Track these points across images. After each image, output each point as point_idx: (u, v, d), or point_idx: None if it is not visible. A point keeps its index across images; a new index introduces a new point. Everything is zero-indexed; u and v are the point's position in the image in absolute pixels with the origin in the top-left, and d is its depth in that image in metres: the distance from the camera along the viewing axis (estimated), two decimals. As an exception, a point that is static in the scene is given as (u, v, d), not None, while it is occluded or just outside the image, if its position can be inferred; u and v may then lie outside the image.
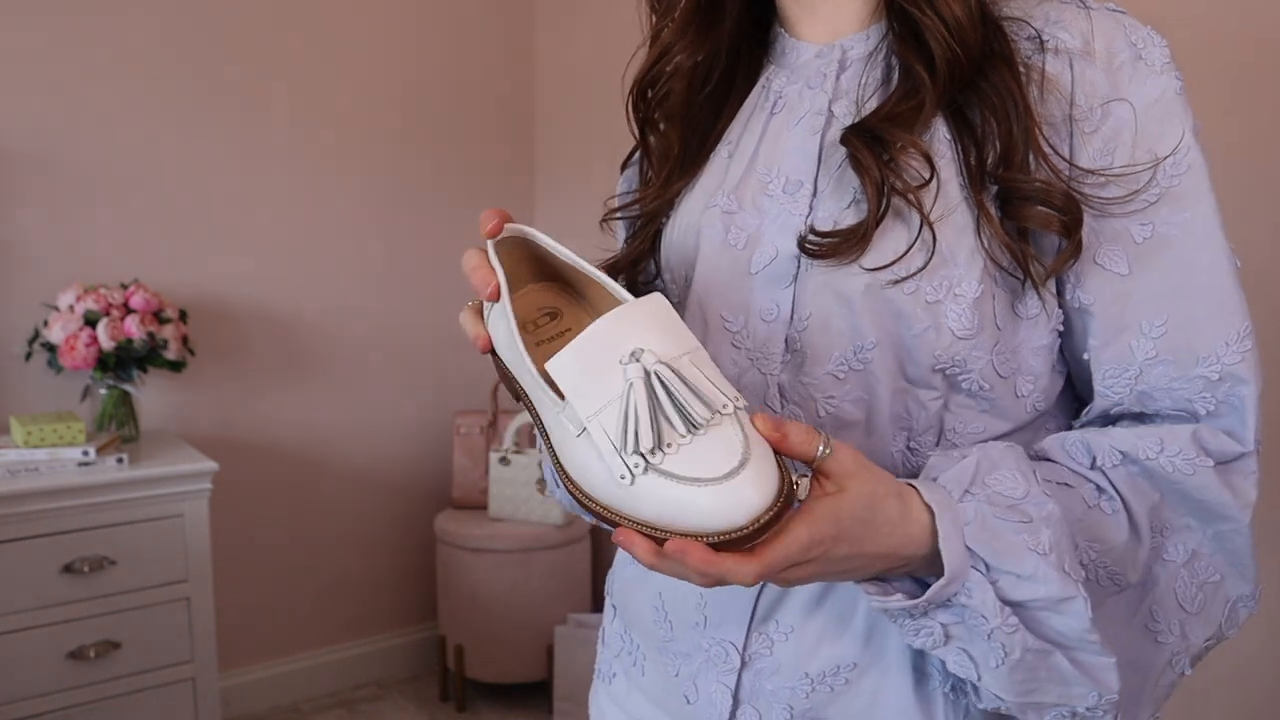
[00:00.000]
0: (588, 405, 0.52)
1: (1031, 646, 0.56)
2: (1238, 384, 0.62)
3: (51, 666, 1.88)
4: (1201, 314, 0.62)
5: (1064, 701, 0.58)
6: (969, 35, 0.63)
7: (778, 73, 0.73)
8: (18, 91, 2.18)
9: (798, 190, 0.67)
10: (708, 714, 0.69)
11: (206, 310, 2.43)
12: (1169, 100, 0.64)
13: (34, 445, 1.95)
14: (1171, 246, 0.62)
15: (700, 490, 0.49)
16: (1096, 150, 0.62)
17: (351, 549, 2.74)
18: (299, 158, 2.55)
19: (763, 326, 0.66)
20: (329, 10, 2.56)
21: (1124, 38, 0.64)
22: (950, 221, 0.62)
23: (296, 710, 2.63)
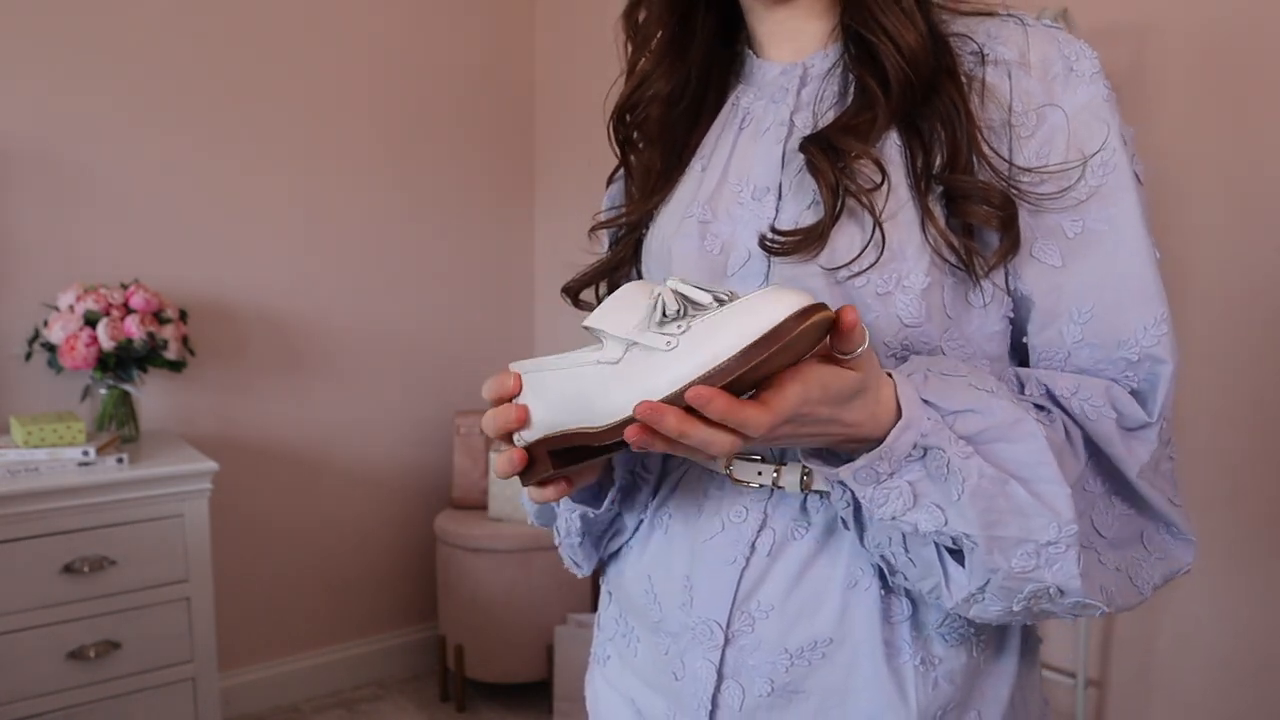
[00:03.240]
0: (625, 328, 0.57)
1: (987, 474, 0.60)
2: (1156, 364, 0.67)
3: (52, 666, 1.88)
4: (1124, 301, 0.67)
5: (1026, 535, 0.60)
6: (920, 58, 0.69)
7: (746, 90, 0.80)
8: (18, 92, 2.18)
9: (764, 195, 0.73)
10: (694, 689, 0.73)
11: (206, 310, 2.43)
12: (1097, 106, 0.69)
13: (34, 445, 1.95)
14: (1099, 240, 0.68)
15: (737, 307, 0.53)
16: (1032, 151, 0.68)
17: (351, 549, 2.75)
18: (299, 158, 2.55)
19: None
20: (330, 11, 2.56)
21: (1057, 50, 0.70)
22: (899, 220, 0.68)
23: (296, 710, 2.63)
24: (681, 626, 0.75)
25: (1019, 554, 0.61)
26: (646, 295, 0.57)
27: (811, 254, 0.68)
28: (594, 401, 0.58)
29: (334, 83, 2.58)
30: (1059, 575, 0.61)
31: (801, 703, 0.70)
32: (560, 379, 0.60)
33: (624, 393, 0.56)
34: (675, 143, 0.80)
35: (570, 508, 0.80)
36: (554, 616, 2.52)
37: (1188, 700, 1.71)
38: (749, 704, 0.71)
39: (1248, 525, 1.62)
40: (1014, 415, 0.61)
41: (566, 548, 0.84)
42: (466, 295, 2.86)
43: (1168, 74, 1.65)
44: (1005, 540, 0.60)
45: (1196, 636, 1.70)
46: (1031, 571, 0.61)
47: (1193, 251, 1.65)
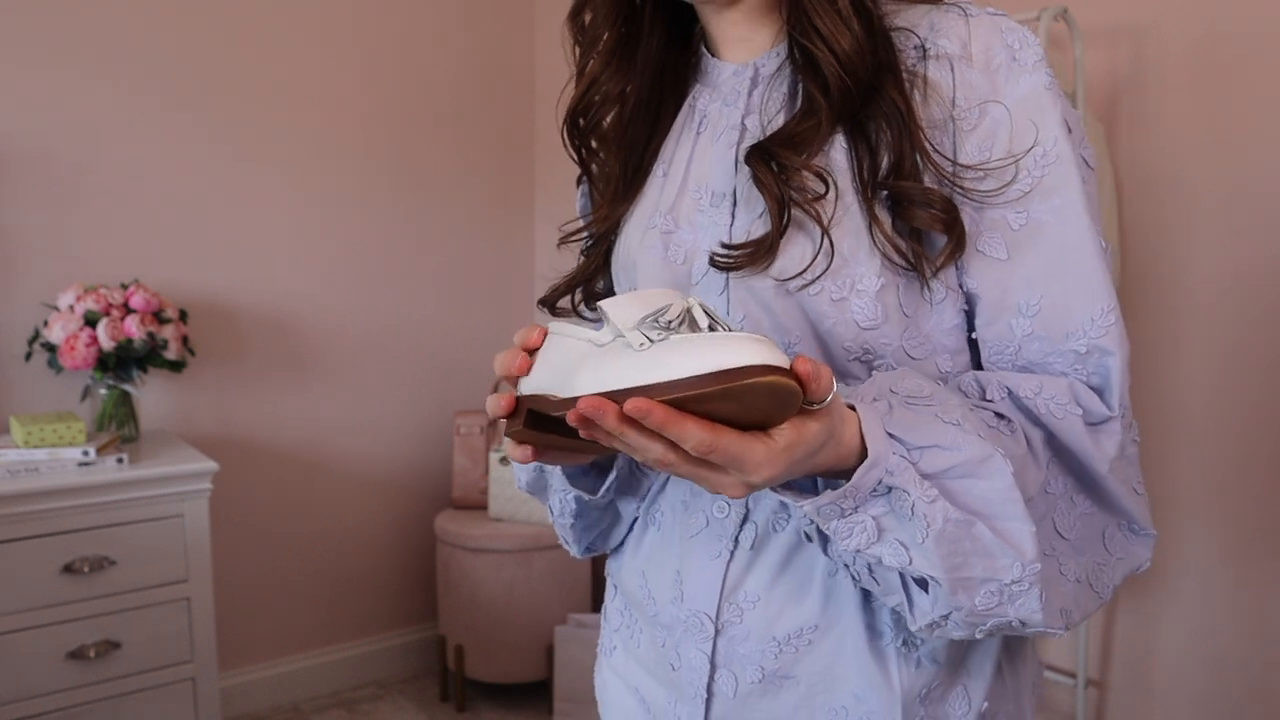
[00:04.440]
0: (625, 316, 0.57)
1: (952, 516, 0.59)
2: (1104, 355, 0.67)
3: (52, 666, 1.88)
4: (1070, 293, 0.67)
5: (990, 575, 0.60)
6: (858, 64, 0.68)
7: (702, 91, 0.79)
8: (18, 92, 2.18)
9: (721, 202, 0.74)
10: (690, 679, 0.76)
11: (206, 310, 2.43)
12: (1039, 95, 0.68)
13: (34, 445, 1.95)
14: (1044, 232, 0.67)
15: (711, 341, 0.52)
16: (975, 146, 0.68)
17: (351, 549, 2.75)
18: (299, 158, 2.55)
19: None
20: (331, 12, 2.56)
21: (1000, 40, 0.69)
22: (846, 227, 0.68)
23: (296, 710, 2.63)
24: (674, 619, 0.77)
25: (983, 593, 0.61)
26: (663, 300, 0.58)
27: (762, 266, 0.69)
28: (570, 376, 0.59)
29: (334, 83, 2.58)
30: (1021, 611, 0.61)
31: (791, 688, 0.73)
32: (562, 346, 0.62)
33: (589, 375, 0.57)
34: (636, 147, 0.80)
35: (566, 489, 0.79)
36: (554, 616, 2.52)
37: (1188, 700, 1.71)
38: (742, 691, 0.74)
39: (1247, 526, 1.62)
40: (982, 452, 0.60)
41: (559, 526, 0.85)
42: (467, 295, 2.86)
43: (1168, 74, 1.65)
44: (970, 581, 0.60)
45: (1196, 637, 1.70)
46: (995, 608, 0.61)
47: (1193, 251, 1.65)
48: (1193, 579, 1.69)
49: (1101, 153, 1.71)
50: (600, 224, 0.81)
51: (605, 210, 0.81)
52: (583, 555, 0.87)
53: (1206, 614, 1.68)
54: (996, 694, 0.74)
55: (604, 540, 0.87)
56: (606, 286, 0.84)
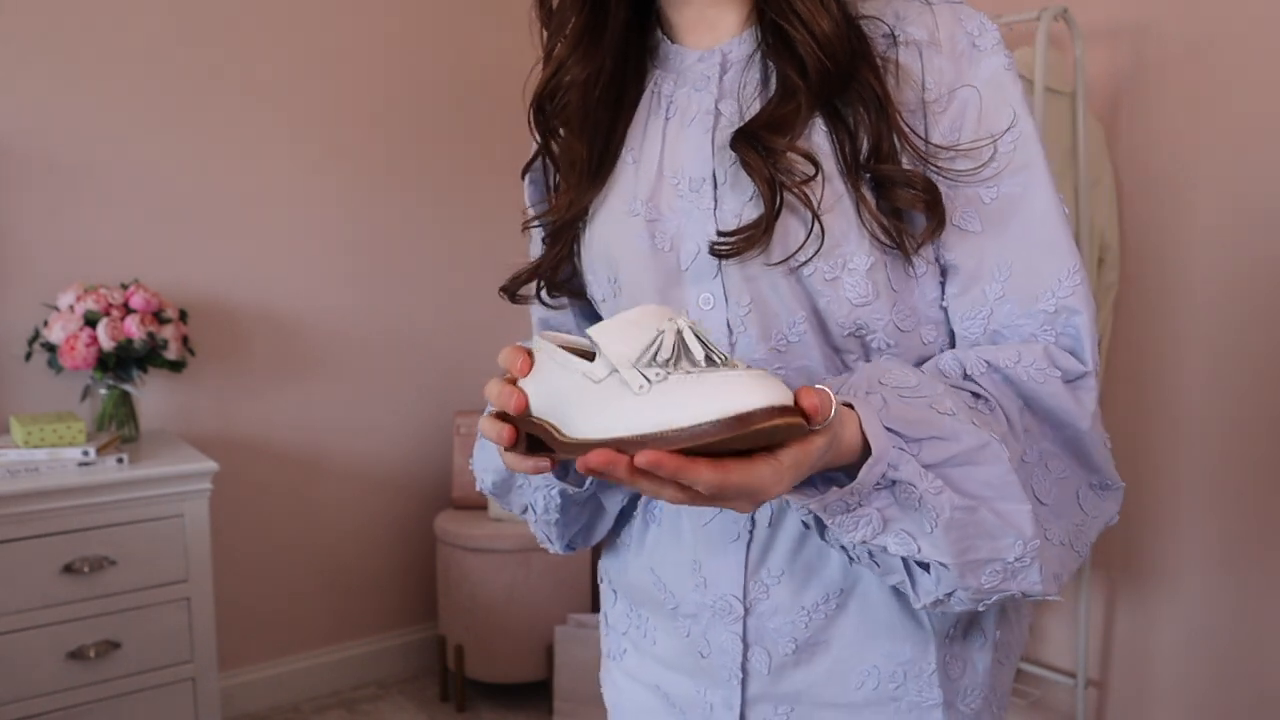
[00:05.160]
0: (617, 352, 0.56)
1: (958, 504, 0.61)
2: (1072, 314, 0.70)
3: (52, 666, 1.88)
4: (1039, 257, 0.70)
5: (994, 555, 0.63)
6: (837, 46, 0.70)
7: (664, 77, 0.79)
8: (18, 92, 2.18)
9: (701, 186, 0.74)
10: (722, 663, 0.77)
11: (206, 310, 2.43)
12: (1000, 76, 0.72)
13: (34, 445, 1.95)
14: (1014, 204, 0.71)
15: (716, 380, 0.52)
16: (946, 128, 0.71)
17: (351, 549, 2.75)
18: (299, 157, 2.55)
19: (707, 315, 0.74)
20: (331, 12, 2.56)
21: (961, 27, 0.72)
22: (835, 208, 0.70)
23: (296, 710, 2.63)
24: (699, 607, 0.78)
25: (988, 572, 0.63)
26: (654, 328, 0.57)
27: (759, 250, 0.71)
28: (567, 409, 0.59)
29: (334, 83, 2.58)
30: (1024, 584, 0.64)
31: (824, 653, 0.75)
32: (556, 371, 0.61)
33: (591, 415, 0.57)
34: (600, 131, 0.79)
35: (550, 484, 0.78)
36: (554, 616, 2.52)
37: (1188, 700, 1.71)
38: (776, 664, 0.76)
39: (1247, 526, 1.62)
40: (979, 439, 0.62)
41: (541, 524, 0.84)
42: (466, 296, 2.86)
43: (1168, 74, 1.65)
44: (976, 563, 0.63)
45: (1196, 637, 1.69)
46: (999, 584, 0.64)
47: (1192, 251, 1.65)
48: (1193, 579, 1.69)
49: (1101, 152, 1.71)
50: (566, 210, 0.80)
51: (571, 196, 0.80)
52: (564, 551, 0.87)
53: (1206, 614, 1.68)
54: (1003, 623, 0.79)
55: (586, 535, 0.86)
56: (570, 274, 0.84)
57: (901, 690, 0.74)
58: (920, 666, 0.74)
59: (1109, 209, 1.71)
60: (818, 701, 0.76)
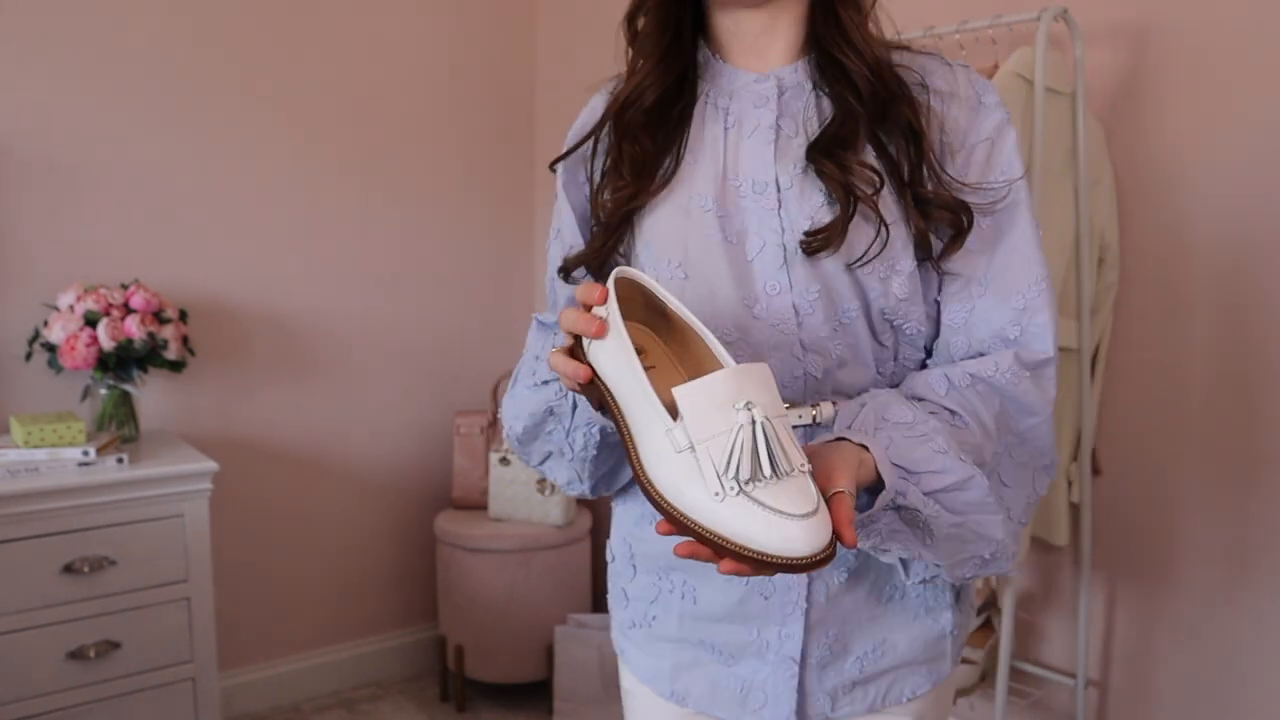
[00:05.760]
0: (701, 431, 0.67)
1: (951, 521, 0.79)
2: (1037, 312, 0.87)
3: (52, 666, 1.88)
4: (1016, 267, 0.88)
5: (974, 554, 0.83)
6: (885, 72, 0.87)
7: (718, 92, 0.92)
8: (18, 92, 2.18)
9: (765, 190, 0.88)
10: (787, 599, 0.91)
11: (206, 310, 2.43)
12: (1002, 128, 0.90)
13: (34, 445, 1.95)
14: (1003, 230, 0.89)
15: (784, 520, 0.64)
16: (959, 167, 0.88)
17: (351, 549, 2.75)
18: (300, 157, 2.55)
19: (774, 299, 0.87)
20: (331, 12, 2.56)
21: (972, 87, 0.90)
22: (892, 218, 0.85)
23: (296, 710, 2.63)
24: None
25: (969, 566, 0.84)
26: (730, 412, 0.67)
27: (835, 248, 0.84)
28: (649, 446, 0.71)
29: (334, 83, 2.58)
30: (994, 570, 0.85)
31: (863, 581, 0.92)
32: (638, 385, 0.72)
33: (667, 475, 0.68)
34: (665, 135, 0.91)
35: (591, 423, 0.89)
36: (554, 616, 2.52)
37: (1188, 700, 1.71)
38: (832, 592, 0.91)
39: (1247, 526, 1.62)
40: (965, 472, 0.79)
41: (575, 462, 0.94)
42: (466, 296, 2.86)
43: (1168, 74, 1.65)
44: (962, 561, 0.83)
45: (1196, 637, 1.70)
46: (978, 571, 0.85)
47: (1192, 251, 1.65)
48: (1193, 579, 1.69)
49: (1101, 153, 1.71)
50: (630, 201, 0.90)
51: (634, 189, 0.90)
52: (590, 493, 0.97)
53: (1206, 614, 1.68)
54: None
55: (611, 479, 0.98)
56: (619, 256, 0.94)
57: (920, 599, 0.93)
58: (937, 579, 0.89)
59: (1109, 209, 1.71)
60: (860, 619, 0.92)
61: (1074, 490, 1.76)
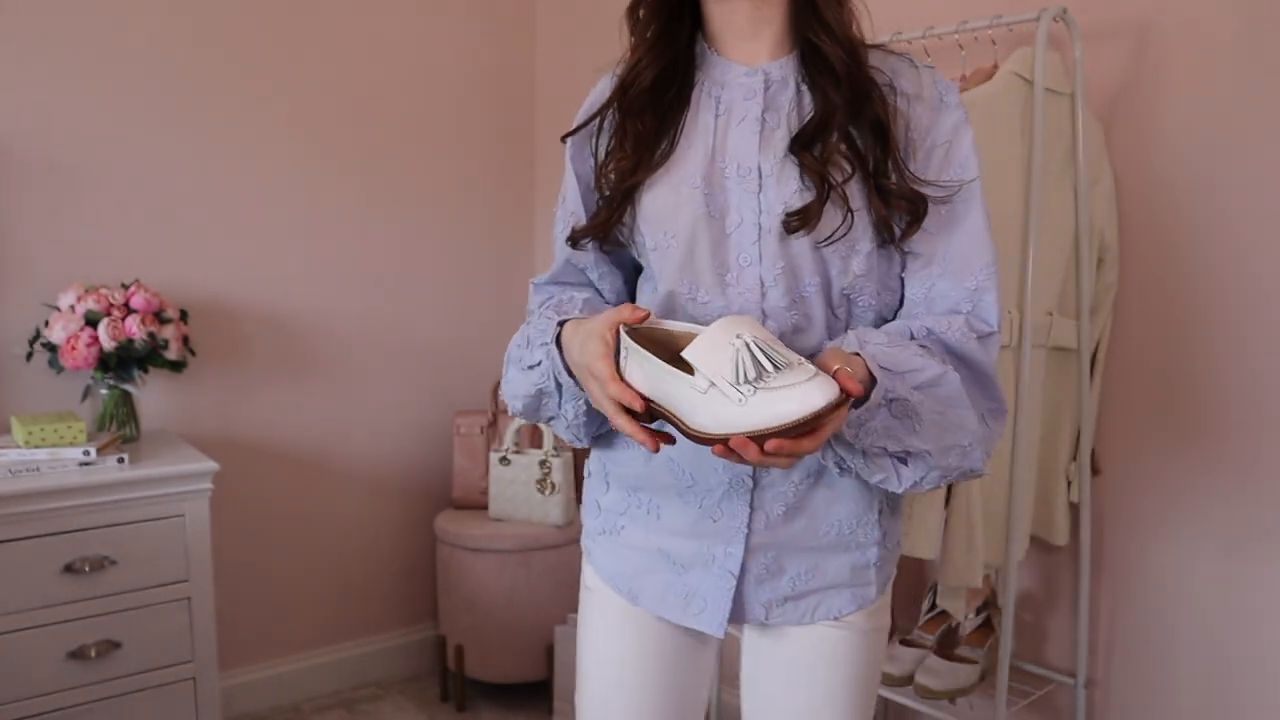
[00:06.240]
0: (711, 369, 0.82)
1: (935, 409, 0.93)
2: (986, 291, 1.01)
3: (52, 666, 1.88)
4: (969, 252, 1.01)
5: (956, 442, 0.95)
6: (859, 53, 0.99)
7: (712, 82, 1.04)
8: (18, 91, 2.18)
9: (748, 175, 1.00)
10: (732, 524, 1.05)
11: (207, 310, 2.43)
12: (960, 126, 1.02)
13: (35, 445, 1.95)
14: (958, 217, 1.01)
15: (795, 389, 0.79)
16: (920, 163, 1.00)
17: (351, 549, 2.75)
18: (300, 157, 2.55)
19: (745, 270, 1.00)
20: (331, 12, 2.56)
21: (936, 88, 1.02)
22: (857, 204, 0.98)
23: (296, 710, 2.63)
24: (718, 482, 1.04)
25: (952, 455, 0.96)
26: (729, 345, 0.83)
27: (809, 228, 0.96)
28: (683, 407, 0.86)
29: (334, 83, 2.59)
30: (972, 461, 0.97)
31: (801, 515, 1.05)
32: (660, 372, 0.86)
33: (706, 416, 0.83)
34: (663, 115, 1.03)
35: (578, 397, 1.03)
36: (554, 616, 2.52)
37: (1187, 700, 1.71)
38: (771, 522, 1.04)
39: (1247, 525, 1.62)
40: (939, 370, 0.94)
41: (572, 427, 1.07)
42: (466, 296, 2.86)
43: (1168, 74, 1.65)
44: (946, 448, 0.95)
45: (1196, 636, 1.70)
46: (959, 463, 0.96)
47: (1192, 251, 1.65)
48: (1192, 578, 1.69)
49: (1101, 153, 1.71)
50: (631, 174, 1.02)
51: (631, 162, 1.02)
52: (587, 444, 1.11)
53: (1206, 614, 1.68)
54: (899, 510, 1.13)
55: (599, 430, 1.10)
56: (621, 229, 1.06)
57: (853, 536, 1.06)
58: (866, 519, 1.06)
59: (1109, 209, 1.71)
60: (796, 547, 1.06)
61: (1074, 490, 1.76)
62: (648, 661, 1.11)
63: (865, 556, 1.07)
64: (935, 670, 1.79)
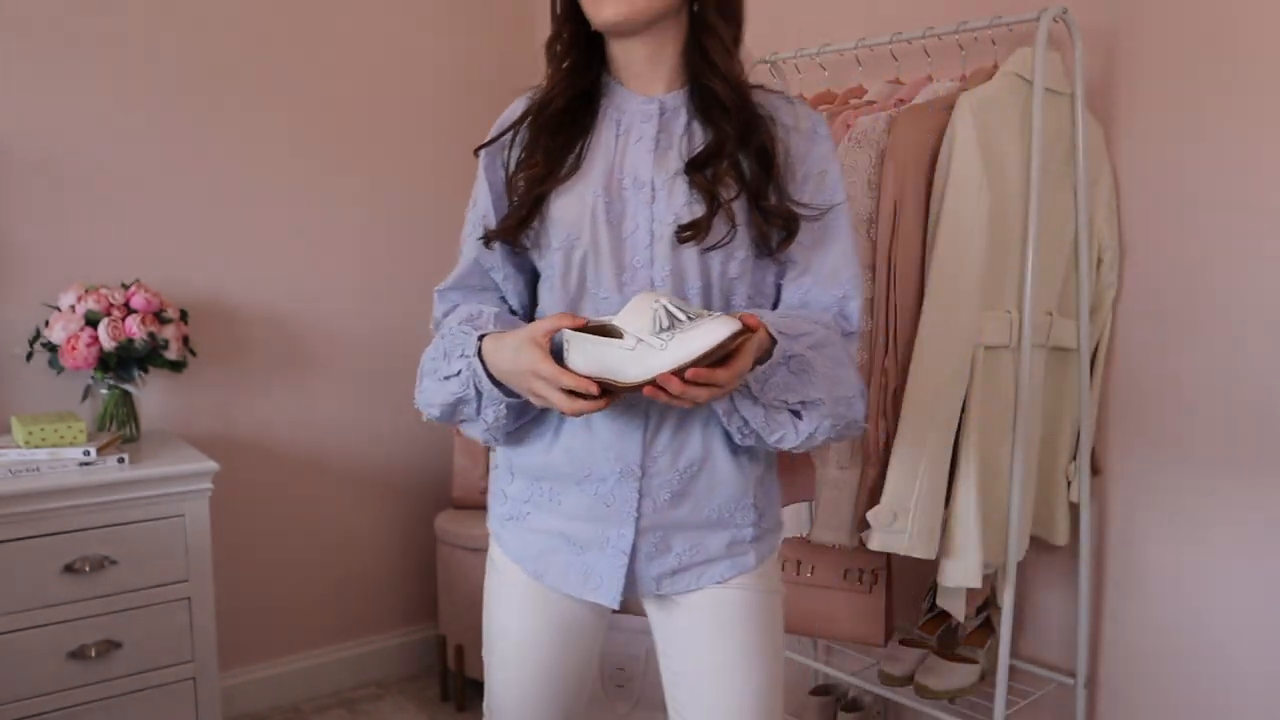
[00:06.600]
0: (636, 327, 0.99)
1: (825, 364, 1.11)
2: (850, 299, 1.19)
3: (53, 666, 1.89)
4: (838, 265, 1.18)
5: (844, 393, 1.13)
6: (745, 91, 1.15)
7: (615, 109, 1.19)
8: (18, 92, 2.18)
9: (642, 187, 1.15)
10: (622, 509, 1.17)
11: (207, 310, 2.44)
12: (829, 154, 1.20)
13: (35, 445, 1.95)
14: (829, 233, 1.18)
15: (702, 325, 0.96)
16: (797, 186, 1.17)
17: (351, 549, 2.75)
18: (300, 158, 2.55)
19: (638, 271, 1.14)
20: (330, 13, 2.56)
21: (809, 122, 1.19)
22: (740, 219, 1.13)
23: (296, 710, 2.63)
24: (609, 473, 1.17)
25: (842, 405, 1.13)
26: (649, 308, 0.99)
27: (699, 239, 1.11)
28: (617, 367, 1.01)
29: (334, 84, 2.59)
30: (856, 412, 1.15)
31: (685, 500, 1.18)
32: (597, 347, 1.02)
33: (637, 368, 0.99)
34: (570, 132, 1.18)
35: (500, 400, 1.14)
36: (554, 616, 2.52)
37: (1186, 700, 1.71)
38: (658, 507, 1.17)
39: (1247, 525, 1.62)
40: (827, 335, 1.13)
41: (492, 430, 1.18)
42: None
43: (1167, 74, 1.65)
44: (838, 398, 1.12)
45: (1194, 635, 1.70)
46: (847, 412, 1.13)
47: (1191, 251, 1.65)
48: (1192, 578, 1.70)
49: (1100, 153, 1.72)
50: (541, 183, 1.16)
51: (541, 172, 1.16)
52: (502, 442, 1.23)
53: (1206, 613, 1.68)
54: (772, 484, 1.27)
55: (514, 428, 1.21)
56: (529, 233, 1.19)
57: (731, 517, 1.20)
58: (743, 502, 1.20)
59: (1108, 209, 1.72)
60: (681, 527, 1.19)
61: (1073, 490, 1.76)
62: (551, 632, 1.27)
63: (742, 534, 1.21)
64: (935, 670, 1.79)
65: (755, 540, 1.22)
